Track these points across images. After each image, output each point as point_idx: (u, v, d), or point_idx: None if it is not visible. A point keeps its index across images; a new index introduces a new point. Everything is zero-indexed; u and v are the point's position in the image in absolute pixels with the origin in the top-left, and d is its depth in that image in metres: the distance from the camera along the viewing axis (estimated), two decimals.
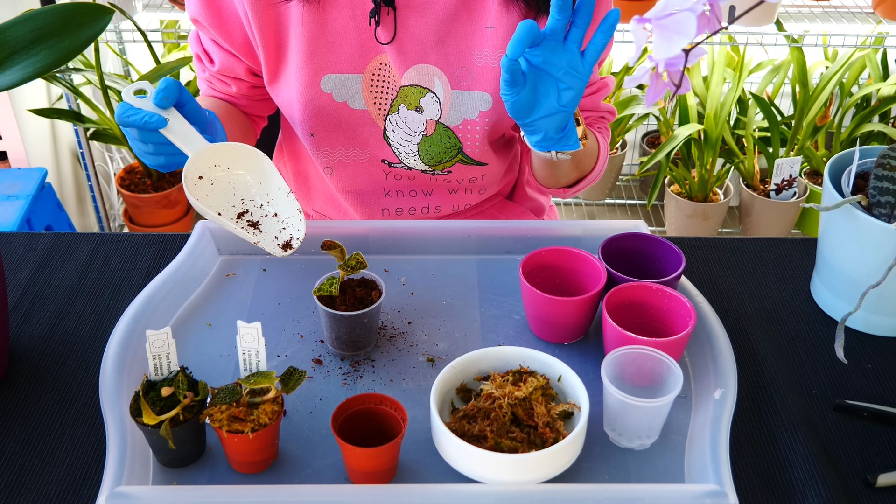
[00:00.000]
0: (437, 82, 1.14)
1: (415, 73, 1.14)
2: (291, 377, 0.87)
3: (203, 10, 1.13)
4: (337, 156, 1.21)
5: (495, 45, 1.12)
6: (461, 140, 1.18)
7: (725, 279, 1.16)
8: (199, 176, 1.00)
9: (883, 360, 1.03)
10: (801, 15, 2.54)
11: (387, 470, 0.85)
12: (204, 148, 0.98)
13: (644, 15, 0.65)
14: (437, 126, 1.17)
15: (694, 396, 0.96)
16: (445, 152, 1.20)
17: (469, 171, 1.23)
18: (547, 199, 1.43)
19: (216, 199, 1.01)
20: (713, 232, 2.63)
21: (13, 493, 0.86)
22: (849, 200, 0.99)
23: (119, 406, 0.89)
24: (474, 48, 1.13)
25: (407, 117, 1.17)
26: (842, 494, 0.86)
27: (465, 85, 1.14)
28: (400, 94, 1.15)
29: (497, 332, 1.04)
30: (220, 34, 1.14)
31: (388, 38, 1.12)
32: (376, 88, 1.15)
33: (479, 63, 1.13)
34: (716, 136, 2.44)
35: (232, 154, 1.01)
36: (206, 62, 1.21)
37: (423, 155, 1.20)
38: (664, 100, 2.39)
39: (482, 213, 1.33)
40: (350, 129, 1.18)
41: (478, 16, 1.12)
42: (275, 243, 1.00)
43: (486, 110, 1.15)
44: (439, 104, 1.15)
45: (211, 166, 1.00)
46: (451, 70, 1.14)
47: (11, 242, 1.21)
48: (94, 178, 2.43)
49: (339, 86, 1.14)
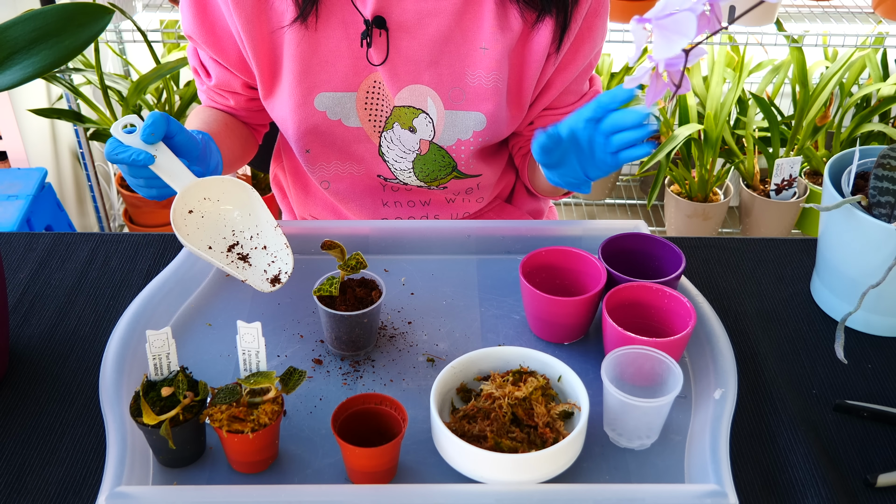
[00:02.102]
0: (431, 103, 1.13)
1: (407, 93, 1.13)
2: (291, 377, 0.87)
3: (196, 28, 1.13)
4: (333, 170, 1.22)
5: (489, 66, 1.11)
6: (455, 159, 1.18)
7: (725, 279, 1.16)
8: (188, 210, 1.00)
9: (883, 360, 1.03)
10: (801, 15, 2.54)
11: (387, 470, 0.85)
12: (191, 184, 0.99)
13: (644, 15, 0.65)
14: (430, 146, 1.17)
15: (694, 396, 0.96)
16: (440, 170, 1.19)
17: (464, 183, 1.23)
18: (546, 202, 1.43)
19: (207, 232, 1.02)
20: (713, 232, 2.63)
21: (13, 493, 0.86)
22: (849, 200, 0.99)
23: (119, 406, 0.89)
24: (468, 69, 1.12)
25: (401, 136, 1.17)
26: (842, 494, 0.86)
27: (459, 105, 1.13)
28: (393, 113, 1.15)
29: (497, 332, 1.04)
30: (214, 51, 1.14)
31: (380, 59, 1.11)
32: (370, 106, 1.15)
33: (473, 84, 1.12)
34: (716, 136, 2.44)
35: (221, 187, 1.02)
36: (203, 77, 1.21)
37: (417, 172, 1.20)
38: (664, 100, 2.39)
39: (482, 216, 1.33)
40: (345, 146, 1.18)
41: (472, 37, 1.10)
42: (263, 278, 1.01)
43: (480, 130, 1.15)
44: (432, 125, 1.15)
45: (201, 199, 1.01)
46: (445, 91, 1.13)
47: (11, 242, 1.21)
48: (94, 178, 2.43)
49: (333, 104, 1.14)
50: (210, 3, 1.11)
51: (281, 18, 1.09)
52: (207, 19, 1.12)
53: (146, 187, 0.99)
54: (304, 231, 1.16)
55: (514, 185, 1.37)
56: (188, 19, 1.13)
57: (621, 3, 2.32)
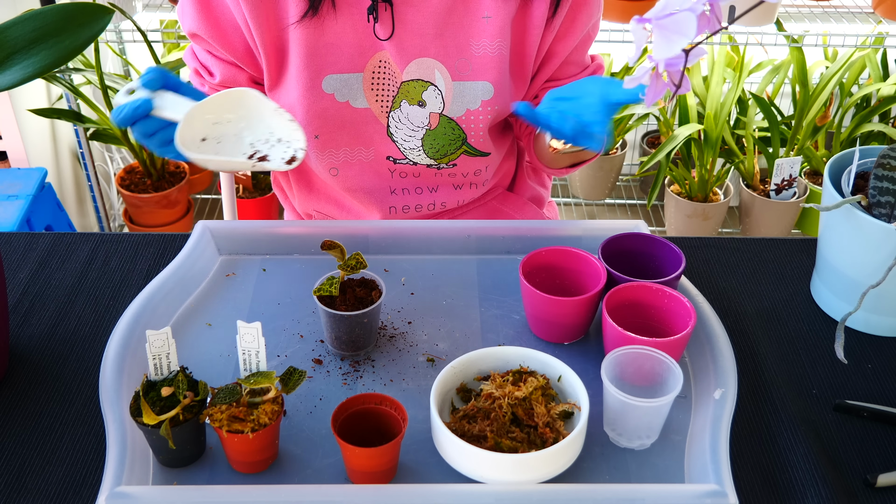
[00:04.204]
0: (438, 75, 1.15)
1: (415, 67, 1.15)
2: (291, 377, 0.87)
3: (201, 23, 1.13)
4: (342, 156, 1.22)
5: (493, 34, 1.13)
6: (465, 130, 1.20)
7: (725, 279, 1.16)
8: (202, 138, 0.98)
9: (883, 360, 1.03)
10: (801, 15, 2.54)
11: (387, 470, 0.85)
12: (192, 108, 0.95)
13: (644, 15, 0.65)
14: (440, 119, 1.18)
15: (694, 396, 0.96)
16: (450, 144, 1.20)
17: (474, 163, 1.24)
18: (546, 190, 1.44)
19: (227, 155, 0.99)
20: (713, 232, 2.63)
21: (13, 493, 0.86)
22: (849, 200, 0.99)
23: (119, 406, 0.89)
24: (472, 39, 1.14)
25: (409, 113, 1.18)
26: (842, 494, 0.86)
27: (466, 76, 1.15)
28: (401, 89, 1.16)
29: (497, 332, 1.04)
30: (220, 44, 1.15)
31: (386, 34, 1.13)
32: (377, 86, 1.16)
33: (478, 53, 1.15)
34: (716, 136, 2.44)
35: (223, 104, 0.99)
36: (205, 76, 1.21)
37: (427, 149, 1.20)
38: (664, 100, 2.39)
39: (485, 204, 1.34)
40: (354, 128, 1.19)
41: (474, 6, 1.13)
42: (281, 163, 0.98)
43: (488, 99, 1.17)
44: (441, 96, 1.16)
45: (210, 125, 0.98)
46: (451, 62, 1.15)
47: (11, 242, 1.21)
48: (94, 178, 2.43)
49: (341, 86, 1.15)
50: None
51: (289, 8, 1.11)
52: (212, 14, 1.13)
53: (164, 143, 0.96)
54: (305, 231, 1.16)
55: (515, 172, 1.38)
56: (192, 16, 1.13)
57: (621, 3, 2.32)
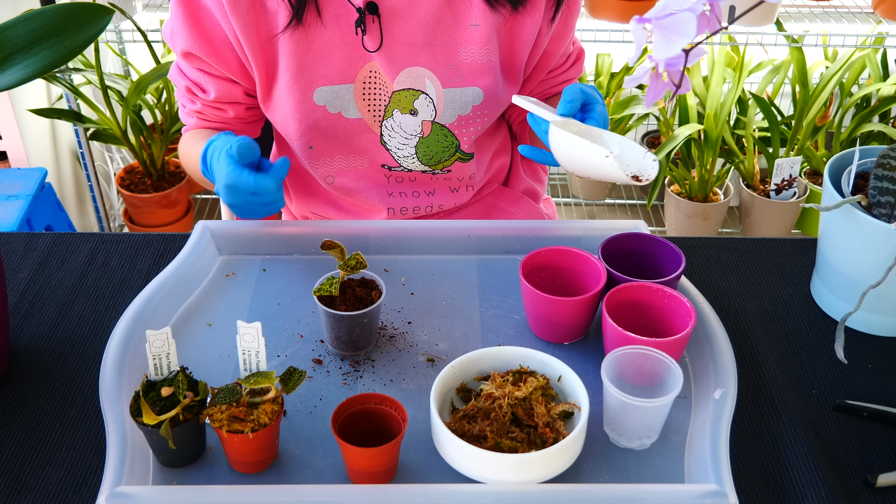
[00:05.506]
0: (429, 83, 1.16)
1: (406, 76, 1.15)
2: (291, 377, 0.87)
3: (194, 42, 1.14)
4: (336, 165, 1.23)
5: (481, 41, 1.14)
6: (458, 137, 1.20)
7: (725, 279, 1.16)
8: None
9: (883, 360, 1.03)
10: (801, 15, 2.54)
11: (387, 470, 0.85)
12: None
13: (644, 15, 0.65)
14: (433, 126, 1.19)
15: (694, 396, 0.96)
16: (443, 151, 1.21)
17: (467, 168, 1.24)
18: (542, 185, 1.45)
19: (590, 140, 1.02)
20: (713, 232, 2.63)
21: (13, 493, 0.86)
22: (849, 200, 0.99)
23: (119, 406, 0.89)
24: (461, 46, 1.15)
25: (402, 121, 1.18)
26: (842, 494, 0.86)
27: (456, 83, 1.16)
28: (393, 99, 1.17)
29: (497, 332, 1.04)
30: (215, 61, 1.15)
31: (375, 45, 1.13)
32: (369, 96, 1.17)
33: (467, 60, 1.15)
34: (716, 136, 2.44)
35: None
36: (198, 93, 1.21)
37: (421, 156, 1.21)
38: (664, 100, 2.39)
39: (481, 200, 1.35)
40: (347, 138, 1.20)
41: (462, 15, 1.14)
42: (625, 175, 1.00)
43: (479, 104, 1.17)
44: (433, 104, 1.17)
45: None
46: (441, 70, 1.15)
47: (11, 242, 1.21)
48: (94, 178, 2.43)
49: (332, 97, 1.15)
50: (203, 15, 1.13)
51: (276, 20, 1.11)
52: (203, 31, 1.13)
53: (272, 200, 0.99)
54: (305, 231, 1.16)
55: (509, 167, 1.39)
56: (184, 36, 1.14)
57: (621, 3, 2.31)
